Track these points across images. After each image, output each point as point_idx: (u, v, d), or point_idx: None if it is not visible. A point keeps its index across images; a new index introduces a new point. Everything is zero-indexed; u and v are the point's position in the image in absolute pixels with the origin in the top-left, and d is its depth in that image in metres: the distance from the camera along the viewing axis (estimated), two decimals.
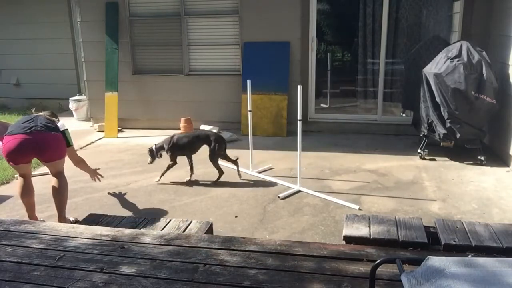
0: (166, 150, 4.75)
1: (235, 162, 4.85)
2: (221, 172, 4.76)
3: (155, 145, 4.82)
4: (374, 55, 7.36)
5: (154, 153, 4.78)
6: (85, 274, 2.38)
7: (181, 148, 4.75)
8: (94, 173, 4.29)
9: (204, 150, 4.75)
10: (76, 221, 3.76)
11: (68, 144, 3.88)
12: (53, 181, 3.80)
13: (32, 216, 3.82)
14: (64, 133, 3.83)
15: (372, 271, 1.77)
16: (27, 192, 3.77)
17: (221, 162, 5.31)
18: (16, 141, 3.57)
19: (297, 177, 4.52)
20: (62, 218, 3.79)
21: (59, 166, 3.81)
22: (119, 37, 6.89)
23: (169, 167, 4.77)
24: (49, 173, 5.01)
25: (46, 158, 3.74)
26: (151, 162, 4.81)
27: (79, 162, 4.10)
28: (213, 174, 4.96)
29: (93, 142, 6.56)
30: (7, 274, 2.40)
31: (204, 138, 4.79)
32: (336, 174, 4.96)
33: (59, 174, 3.81)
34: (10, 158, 3.62)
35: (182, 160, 4.81)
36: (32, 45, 8.86)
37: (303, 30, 6.47)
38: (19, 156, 3.63)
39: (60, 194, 3.79)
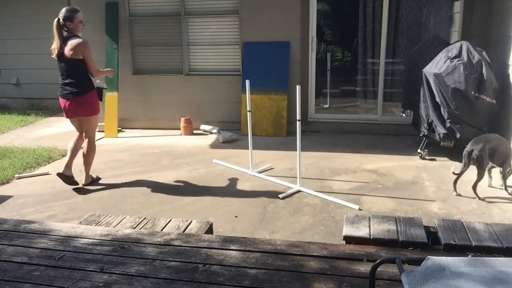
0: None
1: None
2: None
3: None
4: (374, 55, 7.36)
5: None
6: (85, 274, 2.38)
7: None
8: (110, 73, 4.85)
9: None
10: (98, 178, 4.74)
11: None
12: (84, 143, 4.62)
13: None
14: None
15: (372, 271, 1.77)
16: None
17: (222, 162, 5.31)
18: None
19: (297, 177, 4.52)
20: (87, 176, 4.67)
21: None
22: (119, 37, 6.89)
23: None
24: (49, 173, 5.07)
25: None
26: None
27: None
28: (214, 174, 4.97)
29: None
30: (7, 274, 2.40)
31: None
32: (336, 174, 4.96)
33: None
34: None
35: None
36: (33, 45, 8.84)
37: (303, 30, 6.46)
38: None
39: (85, 155, 4.60)
